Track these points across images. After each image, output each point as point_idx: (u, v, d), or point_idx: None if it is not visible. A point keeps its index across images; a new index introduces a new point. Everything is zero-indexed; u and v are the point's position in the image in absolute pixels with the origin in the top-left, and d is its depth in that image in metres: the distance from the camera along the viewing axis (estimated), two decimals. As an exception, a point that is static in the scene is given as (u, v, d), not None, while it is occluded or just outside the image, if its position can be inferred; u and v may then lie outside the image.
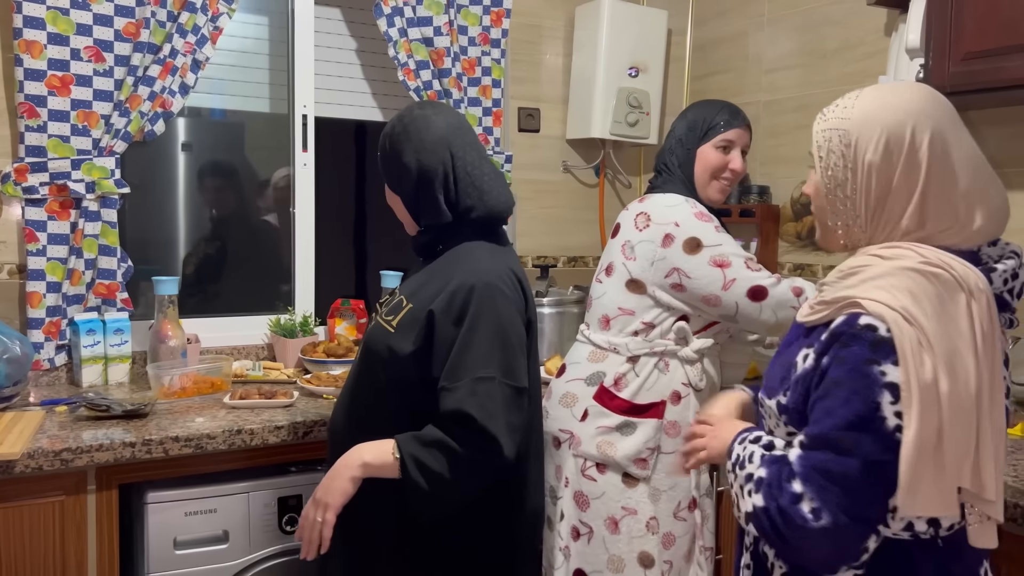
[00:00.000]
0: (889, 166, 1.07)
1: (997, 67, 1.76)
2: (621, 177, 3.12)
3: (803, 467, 1.03)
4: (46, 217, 2.11)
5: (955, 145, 1.08)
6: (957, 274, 1.03)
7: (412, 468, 1.37)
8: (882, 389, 0.99)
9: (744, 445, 1.16)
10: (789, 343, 1.18)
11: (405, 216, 1.60)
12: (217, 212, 2.62)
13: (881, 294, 1.02)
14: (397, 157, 1.53)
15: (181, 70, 2.23)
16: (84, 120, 2.12)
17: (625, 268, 1.80)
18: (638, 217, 1.81)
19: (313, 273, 2.60)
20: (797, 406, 1.09)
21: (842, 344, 1.03)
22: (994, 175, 1.11)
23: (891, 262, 1.05)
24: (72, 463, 1.62)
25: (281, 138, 2.58)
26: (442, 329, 1.41)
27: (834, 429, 1.01)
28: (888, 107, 1.08)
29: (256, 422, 1.82)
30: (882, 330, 1.00)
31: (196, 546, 1.76)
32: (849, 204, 1.11)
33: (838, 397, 1.01)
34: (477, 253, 1.50)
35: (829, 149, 1.12)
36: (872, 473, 0.99)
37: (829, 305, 1.08)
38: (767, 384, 1.19)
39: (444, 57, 2.57)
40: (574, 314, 2.59)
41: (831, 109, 1.14)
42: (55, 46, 2.07)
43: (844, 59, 2.47)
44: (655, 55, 2.90)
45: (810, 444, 1.04)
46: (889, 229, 1.09)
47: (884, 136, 1.07)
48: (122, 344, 2.16)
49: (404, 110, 1.58)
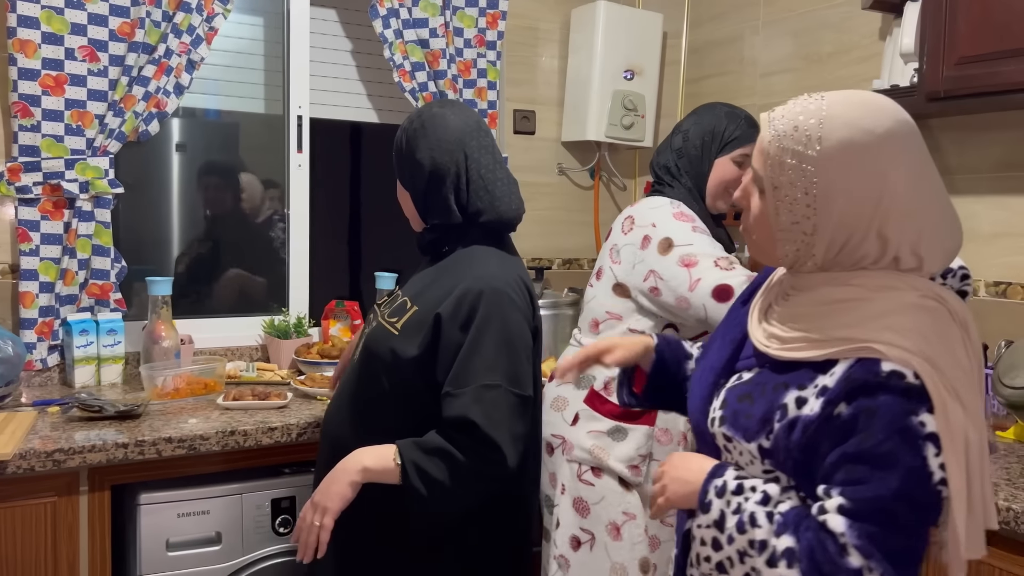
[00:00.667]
0: (862, 215, 0.97)
1: (991, 71, 1.76)
2: (616, 179, 3.12)
3: (860, 539, 0.92)
4: (39, 217, 2.10)
5: (930, 184, 0.99)
6: (951, 308, 0.99)
7: (413, 475, 1.35)
8: (925, 442, 0.92)
9: (726, 498, 1.03)
10: (760, 383, 1.05)
11: (412, 213, 1.59)
12: (211, 212, 2.61)
13: (893, 336, 0.94)
14: (412, 153, 1.53)
15: (176, 70, 2.22)
16: (78, 120, 2.12)
17: (611, 272, 1.79)
18: (625, 221, 1.81)
19: (307, 274, 2.59)
20: (793, 454, 0.99)
21: (868, 395, 0.93)
22: (953, 209, 1.02)
23: (886, 296, 0.97)
24: (64, 464, 1.62)
25: (276, 139, 2.57)
26: (448, 333, 1.39)
27: (889, 495, 0.92)
28: (863, 147, 0.95)
29: (249, 423, 1.81)
30: (909, 377, 0.92)
31: (189, 548, 1.75)
32: (804, 241, 1.00)
33: (883, 456, 0.92)
34: (486, 258, 1.49)
35: (788, 183, 0.98)
36: (927, 531, 0.96)
37: (820, 344, 0.98)
38: (737, 422, 1.05)
39: (440, 59, 2.57)
40: (568, 316, 2.59)
41: (787, 132, 0.98)
42: (49, 45, 2.07)
43: (839, 63, 2.47)
44: (650, 58, 2.91)
45: (859, 511, 0.93)
46: (852, 264, 1.00)
47: (859, 183, 0.96)
48: (115, 345, 2.15)
49: (424, 107, 1.59)
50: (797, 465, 0.99)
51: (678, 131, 1.86)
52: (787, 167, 0.98)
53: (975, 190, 2.13)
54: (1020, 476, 1.54)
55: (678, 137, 1.85)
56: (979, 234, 2.12)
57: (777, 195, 0.99)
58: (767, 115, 1.02)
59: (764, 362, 1.07)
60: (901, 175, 0.96)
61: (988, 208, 2.11)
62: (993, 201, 2.10)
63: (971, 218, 2.14)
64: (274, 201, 2.64)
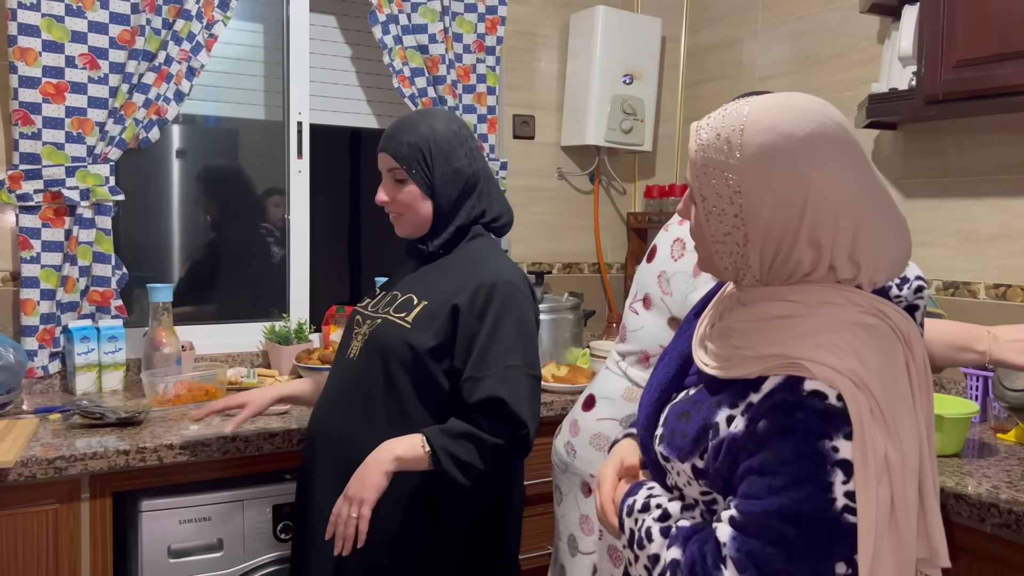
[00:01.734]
0: (789, 223, 0.92)
1: (989, 75, 1.77)
2: (616, 184, 3.12)
3: (739, 553, 0.90)
4: (40, 224, 2.10)
5: (862, 186, 0.93)
6: (894, 324, 0.94)
7: (445, 459, 1.39)
8: (834, 468, 0.87)
9: (633, 516, 1.03)
10: (697, 400, 1.02)
11: (423, 218, 1.56)
12: (212, 219, 2.62)
13: (824, 354, 0.89)
14: (448, 159, 1.54)
15: (176, 77, 2.23)
16: (79, 127, 2.12)
17: (664, 304, 1.63)
18: (675, 244, 1.64)
19: (308, 280, 2.60)
20: (722, 473, 0.95)
21: (786, 412, 0.89)
22: (898, 212, 0.97)
23: (824, 312, 0.93)
24: (66, 471, 1.62)
25: (276, 145, 2.58)
26: (465, 323, 1.46)
27: (779, 513, 0.88)
28: (783, 152, 0.91)
29: (250, 430, 1.81)
30: (832, 397, 0.88)
31: (190, 554, 1.75)
32: (739, 254, 0.96)
33: (785, 475, 0.88)
34: (493, 255, 1.56)
35: (713, 192, 0.94)
36: (817, 561, 0.89)
37: (752, 361, 0.94)
38: (673, 441, 1.02)
39: (439, 64, 2.58)
40: (569, 320, 2.59)
41: (710, 141, 0.95)
42: (50, 53, 2.07)
43: (837, 66, 2.48)
44: (649, 62, 2.91)
45: (746, 524, 0.90)
46: (789, 275, 0.96)
47: (782, 190, 0.91)
48: (116, 351, 2.15)
49: (442, 111, 1.60)
50: (725, 485, 0.96)
51: None
52: (711, 176, 0.94)
53: (975, 193, 2.13)
54: (1021, 479, 1.54)
55: None
56: (979, 236, 2.12)
57: (706, 206, 0.96)
58: (695, 124, 0.99)
59: (703, 379, 1.03)
60: (828, 178, 0.91)
61: (988, 211, 2.11)
62: (993, 204, 2.10)
63: (971, 221, 2.14)
64: (270, 207, 2.64)
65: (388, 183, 1.57)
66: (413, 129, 1.55)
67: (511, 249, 2.88)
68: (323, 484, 1.54)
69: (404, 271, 1.67)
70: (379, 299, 1.62)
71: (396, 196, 1.56)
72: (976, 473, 1.58)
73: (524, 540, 2.09)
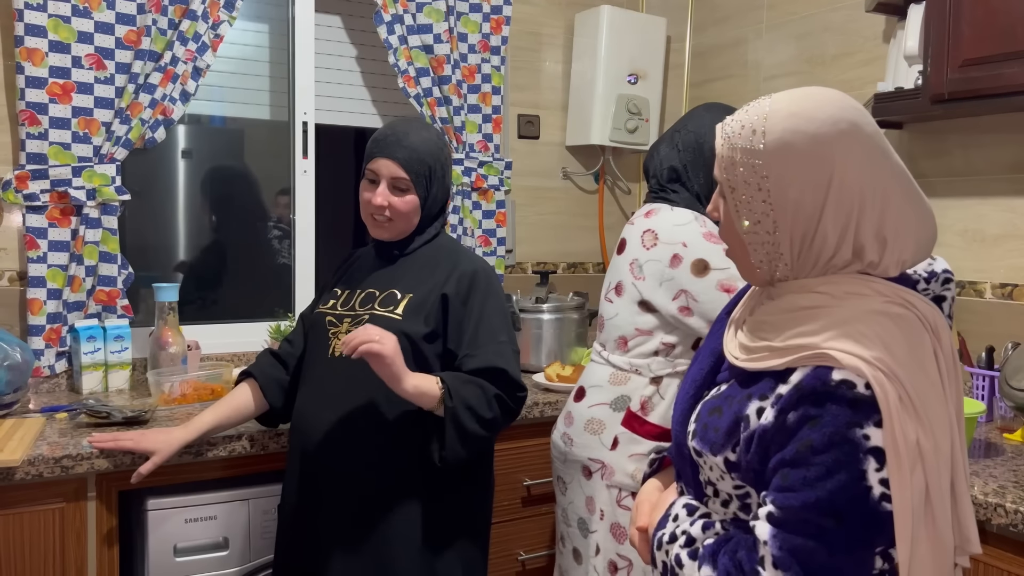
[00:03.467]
0: (816, 201, 0.95)
1: (995, 74, 1.76)
2: (620, 184, 3.12)
3: (780, 550, 0.90)
4: (47, 224, 2.11)
5: (883, 169, 0.96)
6: (920, 313, 0.95)
7: (455, 392, 1.48)
8: (867, 456, 0.88)
9: (664, 549, 1.04)
10: (729, 395, 1.03)
11: (412, 226, 1.65)
12: (217, 219, 2.62)
13: (851, 344, 0.90)
14: (443, 176, 1.66)
15: (182, 77, 2.23)
16: (85, 127, 2.13)
17: (635, 288, 1.72)
18: (645, 234, 1.72)
19: (313, 279, 2.60)
20: (753, 466, 0.97)
21: (815, 403, 0.90)
22: (921, 195, 1.00)
23: (850, 303, 0.94)
24: (72, 470, 1.62)
25: (281, 145, 2.58)
26: (455, 308, 1.59)
27: (816, 505, 0.89)
28: (806, 134, 0.94)
29: (255, 429, 1.81)
30: (860, 387, 0.89)
31: (196, 553, 1.76)
32: (770, 242, 0.98)
33: (818, 466, 0.89)
34: (462, 249, 1.72)
35: (742, 181, 0.97)
36: (859, 552, 0.90)
37: (780, 352, 0.96)
38: (706, 436, 1.04)
39: (444, 64, 2.58)
40: (574, 320, 2.59)
41: (736, 131, 0.98)
42: (56, 54, 2.08)
43: (843, 66, 2.48)
44: (654, 62, 2.91)
45: (785, 520, 0.91)
46: (820, 264, 0.98)
47: (807, 170, 0.94)
48: (122, 351, 2.16)
49: (432, 129, 1.67)
50: (757, 477, 0.97)
51: (683, 130, 1.76)
52: (738, 165, 0.97)
53: (981, 192, 2.13)
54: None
55: (687, 136, 1.74)
56: (986, 236, 2.11)
57: (735, 197, 0.99)
58: (719, 124, 1.02)
59: (735, 374, 1.05)
60: (851, 157, 0.94)
61: (994, 210, 2.10)
62: (999, 203, 2.09)
63: (977, 220, 2.13)
64: (280, 207, 2.65)
65: (387, 188, 1.60)
66: (422, 143, 1.61)
67: (516, 249, 2.88)
68: (330, 485, 1.56)
69: (363, 270, 1.71)
70: (347, 298, 1.67)
71: (395, 203, 1.60)
72: (982, 473, 1.57)
73: (529, 539, 2.14)
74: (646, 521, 1.14)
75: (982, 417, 1.95)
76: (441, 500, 1.58)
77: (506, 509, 2.17)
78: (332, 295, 1.71)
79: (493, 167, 2.73)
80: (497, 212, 2.75)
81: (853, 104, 0.98)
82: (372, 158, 1.61)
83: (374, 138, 1.63)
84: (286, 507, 1.66)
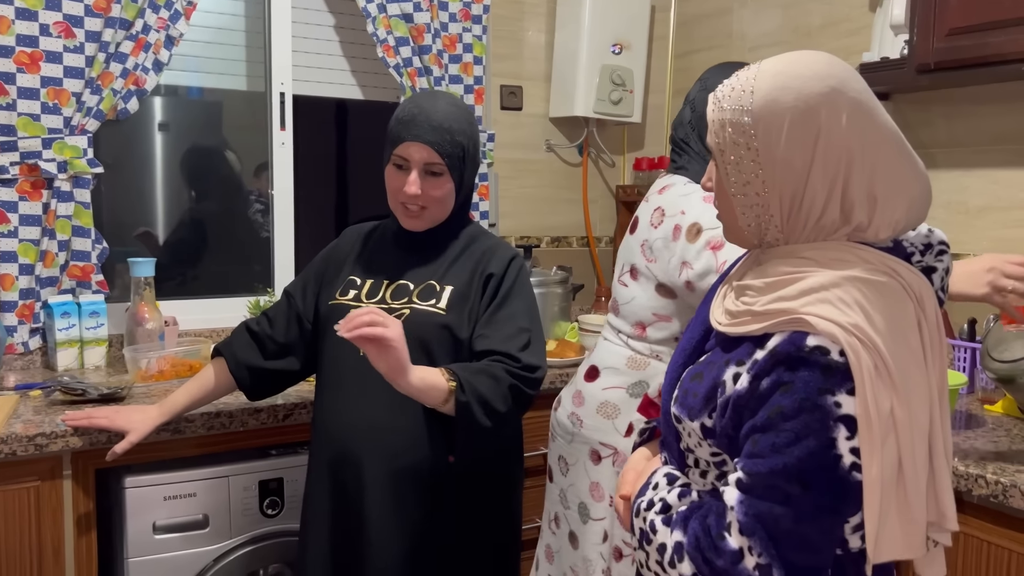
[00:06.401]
0: (804, 158, 0.93)
1: (982, 43, 1.74)
2: (605, 156, 3.09)
3: (746, 516, 0.90)
4: (17, 198, 2.06)
5: (872, 127, 0.95)
6: (904, 281, 0.94)
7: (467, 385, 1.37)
8: (837, 423, 0.87)
9: (640, 516, 1.04)
10: (711, 361, 1.03)
11: (447, 213, 1.53)
12: (195, 193, 2.58)
13: (828, 309, 0.89)
14: (476, 159, 1.56)
15: (154, 46, 2.18)
16: (55, 98, 2.07)
17: (650, 271, 1.65)
18: (654, 213, 1.65)
19: (293, 254, 2.56)
20: (727, 431, 0.96)
21: (788, 368, 0.90)
22: (913, 156, 0.99)
23: (831, 270, 0.93)
24: (47, 448, 1.60)
25: (259, 117, 2.53)
26: (491, 291, 1.51)
27: (784, 471, 0.88)
28: (792, 90, 0.93)
29: (235, 405, 1.79)
30: (834, 353, 0.88)
31: (176, 531, 1.74)
32: (760, 203, 0.97)
33: (787, 432, 0.88)
34: (488, 233, 1.62)
35: (731, 142, 0.96)
36: (826, 520, 0.90)
37: (760, 317, 0.95)
38: (685, 401, 1.03)
39: (424, 34, 2.53)
40: (557, 294, 2.57)
41: (726, 95, 0.98)
42: (23, 21, 2.02)
43: (828, 35, 2.45)
44: (638, 32, 2.87)
45: (752, 485, 0.91)
46: (809, 226, 0.96)
47: (794, 126, 0.93)
48: (98, 327, 2.12)
49: (461, 105, 1.54)
50: (731, 444, 0.97)
51: (687, 100, 1.72)
52: (727, 124, 0.97)
53: (965, 163, 2.12)
54: (1008, 449, 1.55)
55: (686, 109, 1.71)
56: (969, 208, 2.11)
57: (724, 158, 0.98)
58: (711, 94, 1.02)
59: (720, 340, 1.04)
60: (837, 114, 0.93)
61: (978, 181, 2.10)
62: (983, 175, 2.09)
63: (961, 192, 2.13)
64: (260, 181, 2.61)
65: (419, 175, 1.46)
66: (453, 120, 1.47)
67: (499, 223, 2.85)
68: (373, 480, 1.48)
69: (385, 256, 1.59)
70: (371, 289, 1.54)
71: (429, 190, 1.47)
72: (963, 444, 1.58)
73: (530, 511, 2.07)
74: (630, 489, 1.13)
75: (964, 389, 1.96)
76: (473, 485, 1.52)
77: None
78: (351, 284, 1.56)
79: (475, 139, 2.69)
80: (479, 185, 2.71)
81: (841, 64, 0.97)
82: (400, 142, 1.45)
83: (399, 118, 1.48)
84: (314, 508, 1.56)
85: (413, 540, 1.48)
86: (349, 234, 1.69)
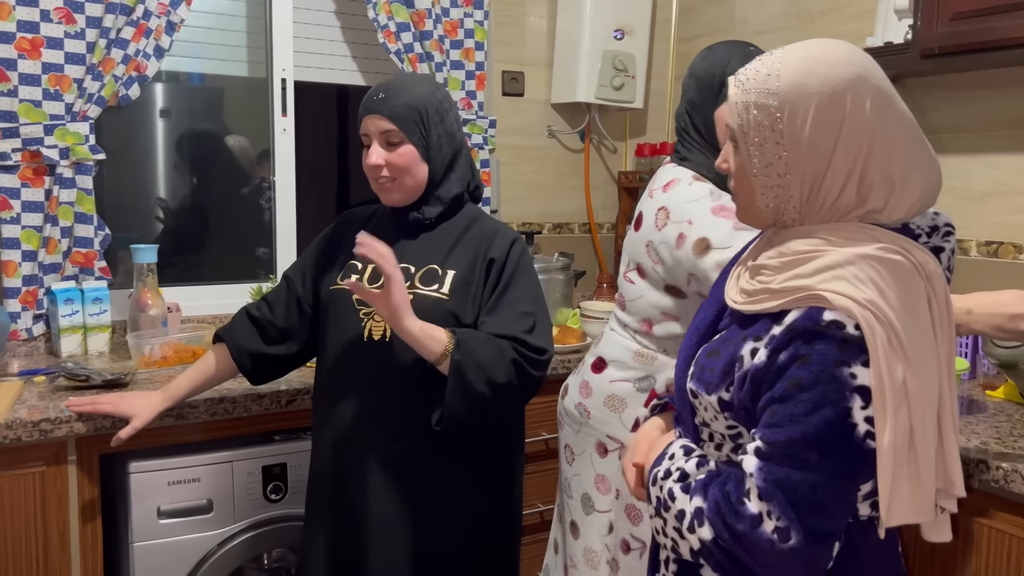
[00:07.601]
0: (827, 142, 0.97)
1: (986, 27, 1.73)
2: (607, 142, 3.09)
3: (765, 481, 0.94)
4: (19, 184, 2.06)
5: (892, 113, 0.99)
6: (916, 260, 0.98)
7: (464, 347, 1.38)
8: (852, 394, 0.92)
9: (658, 485, 1.07)
10: (727, 338, 1.06)
11: (418, 182, 1.51)
12: (198, 179, 2.57)
13: (844, 286, 0.93)
14: (442, 119, 1.51)
15: (155, 32, 2.17)
16: (56, 84, 2.07)
17: (657, 273, 1.62)
18: (659, 212, 1.60)
19: (295, 240, 2.57)
20: (744, 404, 1.00)
21: (805, 341, 0.94)
22: (927, 143, 1.02)
23: (846, 248, 0.97)
24: (51, 433, 1.60)
25: (260, 103, 2.53)
26: (494, 275, 1.51)
27: (802, 439, 0.93)
28: (819, 75, 0.96)
29: (238, 391, 1.80)
30: (850, 327, 0.92)
31: (180, 516, 1.75)
32: (781, 184, 1.00)
33: (805, 402, 0.93)
34: (489, 217, 1.61)
35: (755, 124, 0.99)
36: (842, 486, 0.95)
37: (777, 294, 0.99)
38: (702, 376, 1.07)
39: (425, 19, 2.52)
40: (559, 281, 2.57)
41: (750, 77, 1.00)
42: (24, 7, 2.01)
43: (831, 20, 2.44)
44: (641, 17, 2.86)
45: (771, 454, 0.95)
46: (826, 207, 1.00)
47: (820, 109, 0.96)
48: (101, 313, 2.13)
49: (425, 77, 1.55)
50: (748, 416, 1.01)
51: (700, 61, 1.65)
52: (752, 106, 0.99)
53: (968, 149, 2.11)
54: (1010, 435, 1.55)
55: (685, 89, 1.66)
56: (971, 193, 2.10)
57: (747, 140, 1.00)
58: (731, 78, 1.03)
59: (735, 318, 1.08)
60: (861, 98, 0.97)
61: (980, 167, 2.09)
62: (985, 160, 2.08)
63: (964, 177, 2.12)
64: (261, 166, 2.60)
65: (380, 146, 1.48)
66: (405, 90, 1.48)
67: (500, 209, 2.85)
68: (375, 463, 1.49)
69: (384, 240, 1.53)
70: (374, 272, 1.53)
71: (391, 159, 1.48)
72: (965, 429, 1.58)
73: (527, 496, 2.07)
74: (643, 459, 1.16)
75: (966, 374, 1.96)
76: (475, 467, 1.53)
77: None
78: (352, 268, 1.56)
79: (477, 125, 2.69)
80: (481, 171, 2.71)
81: (861, 52, 1.01)
82: (360, 120, 1.50)
83: (362, 101, 1.52)
84: (317, 492, 1.57)
85: (417, 521, 1.49)
86: (347, 217, 1.70)
